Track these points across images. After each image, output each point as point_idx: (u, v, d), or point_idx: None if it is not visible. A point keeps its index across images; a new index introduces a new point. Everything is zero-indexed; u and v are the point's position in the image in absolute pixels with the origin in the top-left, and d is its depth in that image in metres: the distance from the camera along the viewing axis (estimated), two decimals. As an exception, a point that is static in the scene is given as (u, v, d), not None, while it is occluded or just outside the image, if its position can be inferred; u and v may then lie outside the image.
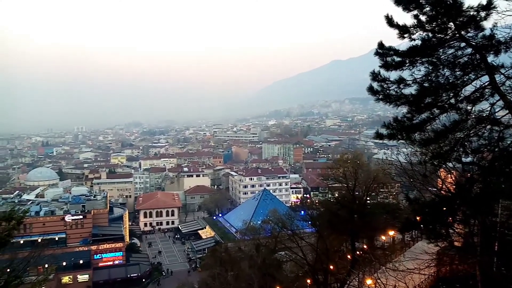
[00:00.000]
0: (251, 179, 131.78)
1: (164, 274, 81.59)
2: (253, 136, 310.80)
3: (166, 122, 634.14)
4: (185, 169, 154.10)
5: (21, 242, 62.70)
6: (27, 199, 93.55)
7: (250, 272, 39.44)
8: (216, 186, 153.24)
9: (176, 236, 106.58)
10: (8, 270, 12.42)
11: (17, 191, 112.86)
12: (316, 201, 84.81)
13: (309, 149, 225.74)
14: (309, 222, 43.63)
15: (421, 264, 20.30)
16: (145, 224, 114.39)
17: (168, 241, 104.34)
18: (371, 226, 38.45)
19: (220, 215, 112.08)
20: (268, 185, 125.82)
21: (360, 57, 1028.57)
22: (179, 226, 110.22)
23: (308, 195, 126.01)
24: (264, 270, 39.64)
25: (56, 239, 75.27)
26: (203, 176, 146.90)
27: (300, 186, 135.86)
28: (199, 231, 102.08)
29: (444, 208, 15.89)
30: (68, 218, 77.76)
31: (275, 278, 40.30)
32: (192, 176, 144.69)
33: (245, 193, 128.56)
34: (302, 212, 63.99)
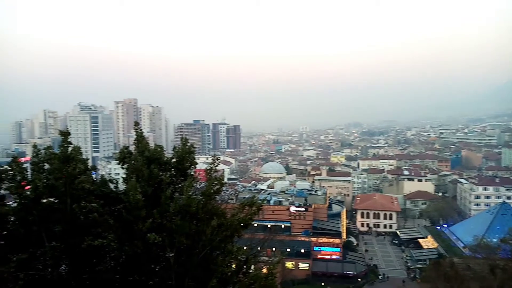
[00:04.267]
0: (485, 189, 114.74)
1: (380, 277, 79.72)
2: (489, 139, 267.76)
3: (386, 123, 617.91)
4: (406, 172, 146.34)
5: (255, 225, 72.61)
6: (260, 188, 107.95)
7: (482, 296, 34.11)
8: (440, 193, 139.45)
9: (394, 241, 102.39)
10: (246, 248, 14.44)
11: (253, 181, 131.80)
12: None
13: None
14: None
15: None
16: (362, 224, 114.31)
17: (384, 245, 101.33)
18: None
19: (444, 225, 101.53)
20: (508, 198, 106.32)
21: None
22: (397, 231, 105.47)
23: None
24: (501, 297, 33.58)
25: (282, 226, 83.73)
26: (425, 181, 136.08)
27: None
28: (419, 240, 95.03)
29: None
30: (292, 209, 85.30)
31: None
32: (413, 180, 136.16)
33: (476, 205, 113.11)
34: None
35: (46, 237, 11.83)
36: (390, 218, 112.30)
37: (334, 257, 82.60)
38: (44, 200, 12.50)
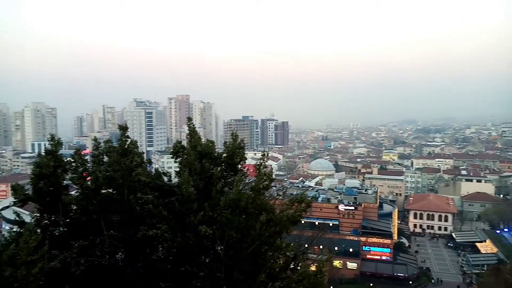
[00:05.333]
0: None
1: (433, 281, 76.48)
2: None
3: (443, 120, 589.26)
4: (463, 172, 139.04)
5: (303, 222, 71.93)
6: (308, 185, 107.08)
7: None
8: (501, 195, 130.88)
9: (449, 244, 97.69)
10: (294, 245, 14.40)
11: (301, 178, 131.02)
12: None
13: None
14: None
15: None
16: (415, 225, 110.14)
17: (439, 248, 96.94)
18: None
19: (505, 229, 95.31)
20: None
21: None
22: (453, 234, 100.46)
23: None
24: None
25: (330, 225, 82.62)
26: (485, 182, 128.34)
27: None
28: (477, 244, 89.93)
29: None
30: (341, 207, 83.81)
31: None
32: (471, 180, 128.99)
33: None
34: None
35: (105, 225, 12.51)
36: (446, 220, 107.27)
37: (384, 257, 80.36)
38: (103, 191, 13.22)
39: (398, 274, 75.61)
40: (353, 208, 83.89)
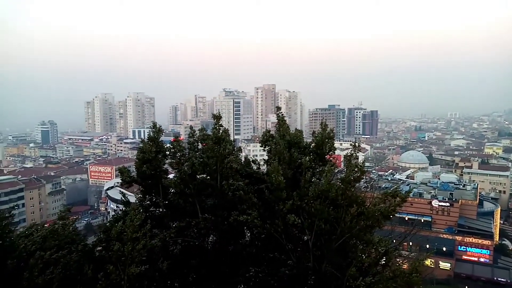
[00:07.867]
0: None
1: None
2: None
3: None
4: None
5: (391, 217, 68.80)
6: (398, 179, 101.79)
7: None
8: None
9: None
10: (384, 240, 13.75)
11: (391, 170, 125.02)
12: None
13: None
14: None
15: None
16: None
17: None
18: None
19: None
20: None
21: None
22: None
23: None
24: None
25: (422, 221, 77.80)
26: None
27: None
28: None
29: None
30: (435, 203, 78.51)
31: None
32: None
33: None
34: None
35: (200, 209, 13.25)
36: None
37: (482, 259, 73.91)
38: (199, 176, 13.98)
39: (499, 279, 68.98)
40: (448, 204, 78.32)
